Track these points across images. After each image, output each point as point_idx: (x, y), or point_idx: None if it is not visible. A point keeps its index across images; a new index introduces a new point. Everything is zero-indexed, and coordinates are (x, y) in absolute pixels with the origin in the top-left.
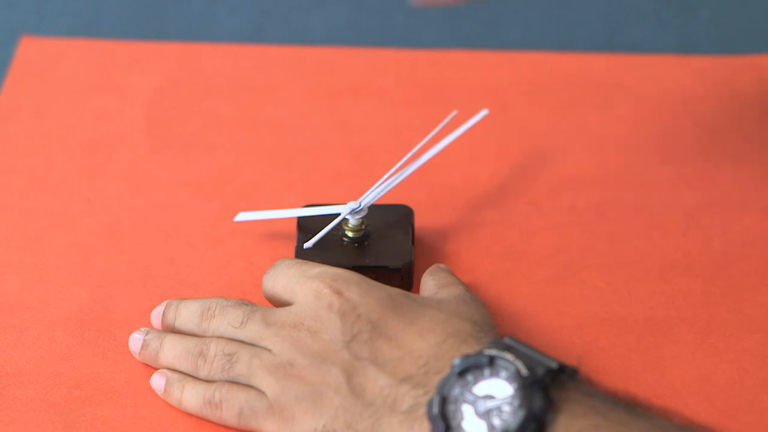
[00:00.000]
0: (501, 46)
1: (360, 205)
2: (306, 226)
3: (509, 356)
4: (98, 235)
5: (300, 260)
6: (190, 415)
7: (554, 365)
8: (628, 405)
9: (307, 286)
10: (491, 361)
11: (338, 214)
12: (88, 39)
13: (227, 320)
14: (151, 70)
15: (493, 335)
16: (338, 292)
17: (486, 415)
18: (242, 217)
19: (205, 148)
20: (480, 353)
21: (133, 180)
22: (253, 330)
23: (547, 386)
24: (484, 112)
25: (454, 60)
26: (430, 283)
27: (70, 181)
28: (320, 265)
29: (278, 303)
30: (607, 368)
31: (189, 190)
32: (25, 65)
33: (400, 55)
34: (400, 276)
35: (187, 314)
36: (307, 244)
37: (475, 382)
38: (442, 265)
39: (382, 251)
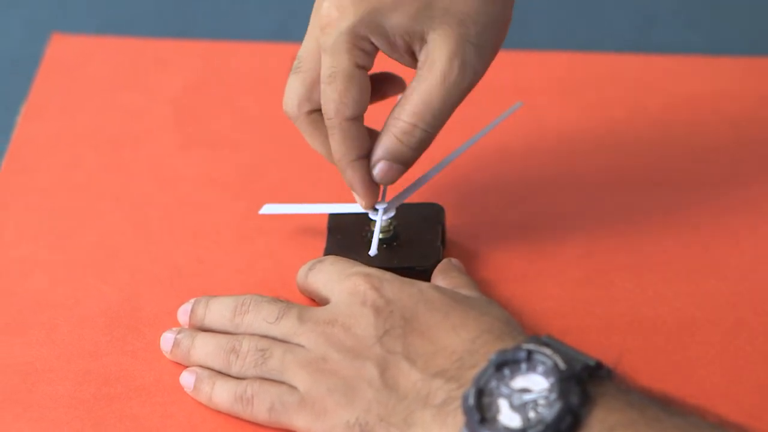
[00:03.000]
0: (531, 46)
1: (386, 205)
2: (336, 227)
3: (547, 351)
4: (126, 233)
5: (343, 259)
6: (219, 413)
7: (592, 362)
8: (663, 402)
9: (343, 284)
10: (529, 356)
11: (365, 213)
12: (117, 37)
13: (262, 315)
14: (179, 68)
15: (524, 335)
16: (373, 289)
17: (522, 408)
18: (267, 210)
19: (233, 146)
20: (518, 347)
21: (161, 178)
22: (287, 326)
23: (584, 381)
24: (517, 105)
25: None
26: (442, 282)
27: (98, 178)
28: (360, 264)
29: (315, 297)
30: (634, 369)
31: (217, 188)
32: (55, 63)
33: None
34: (428, 277)
35: (218, 310)
36: (372, 251)
37: (512, 376)
38: (453, 260)
39: (410, 252)
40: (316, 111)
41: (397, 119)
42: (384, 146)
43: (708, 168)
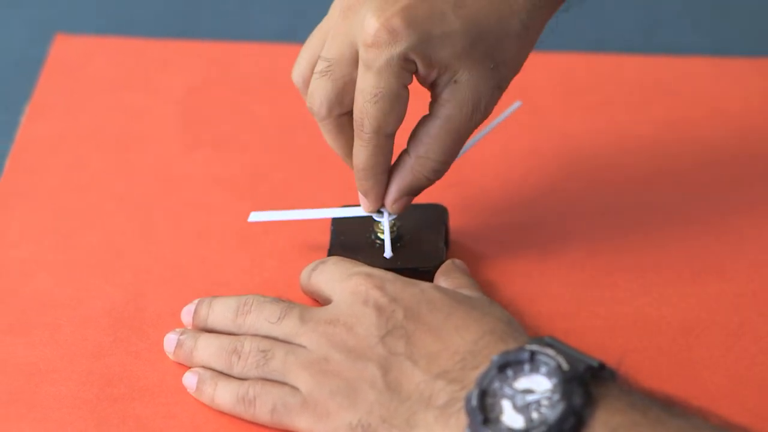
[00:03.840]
0: (535, 47)
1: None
2: (340, 228)
3: (550, 352)
4: (130, 234)
5: (345, 259)
6: (222, 414)
7: (595, 363)
8: (666, 404)
9: (345, 284)
10: (532, 357)
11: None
12: (122, 37)
13: (264, 316)
14: (184, 69)
15: (526, 336)
16: (375, 288)
17: (525, 408)
18: (255, 217)
19: (238, 147)
20: (521, 348)
21: (166, 178)
22: (289, 326)
23: (586, 382)
24: (517, 104)
25: None
26: (444, 283)
27: (102, 179)
28: (362, 264)
29: (318, 298)
30: (638, 370)
31: (221, 188)
32: (59, 63)
33: None
34: (431, 278)
35: (221, 310)
36: (387, 254)
37: (515, 377)
38: (457, 261)
39: (414, 253)
40: (344, 115)
41: (426, 158)
42: (408, 182)
43: (712, 169)
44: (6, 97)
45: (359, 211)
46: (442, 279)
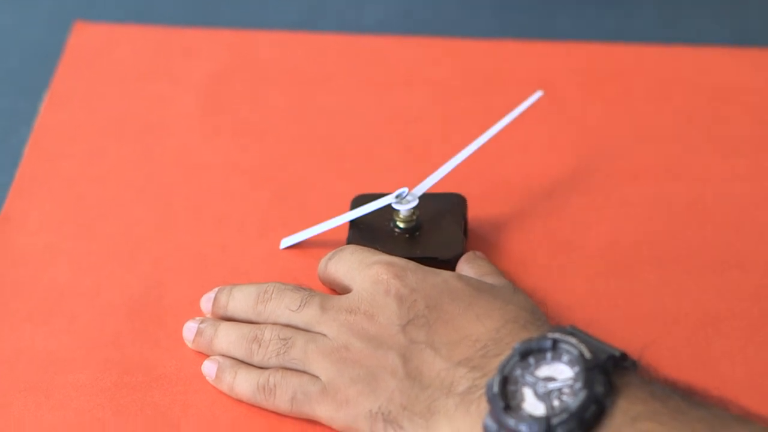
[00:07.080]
0: (555, 36)
1: (407, 192)
2: (358, 218)
3: (573, 340)
4: (150, 222)
5: (363, 248)
6: (241, 402)
7: (617, 353)
8: (687, 394)
9: (365, 273)
10: (554, 345)
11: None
12: (142, 25)
13: (284, 303)
14: (204, 57)
15: (549, 325)
16: (396, 278)
17: (546, 396)
18: (286, 243)
19: (258, 136)
20: (543, 337)
21: (185, 166)
22: (309, 314)
23: (608, 371)
24: (538, 94)
25: (507, 50)
26: (468, 271)
27: (122, 167)
28: (380, 253)
29: (336, 287)
30: (657, 362)
31: (241, 177)
32: (78, 51)
33: (452, 45)
34: (451, 267)
35: (241, 297)
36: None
37: (537, 365)
38: (478, 253)
39: (433, 242)
40: None
41: None
42: None
43: (731, 160)
44: (25, 85)
45: (378, 204)
46: (466, 267)
